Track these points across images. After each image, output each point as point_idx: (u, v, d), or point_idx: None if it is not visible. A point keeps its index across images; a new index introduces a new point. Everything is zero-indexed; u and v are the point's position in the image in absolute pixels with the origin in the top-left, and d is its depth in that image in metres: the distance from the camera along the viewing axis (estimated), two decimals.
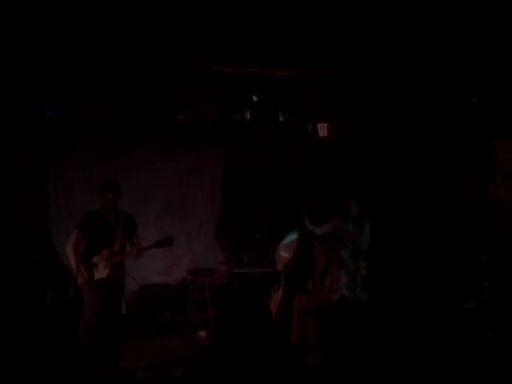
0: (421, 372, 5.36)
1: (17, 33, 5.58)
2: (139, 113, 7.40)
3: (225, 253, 9.09)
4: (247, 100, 7.32)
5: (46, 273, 8.27)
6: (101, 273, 6.37)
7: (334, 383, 4.35)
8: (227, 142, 8.87)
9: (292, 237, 7.30)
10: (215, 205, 9.19)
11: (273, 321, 6.99)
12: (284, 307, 7.14)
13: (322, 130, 7.98)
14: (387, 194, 8.63)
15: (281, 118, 7.63)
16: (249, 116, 7.53)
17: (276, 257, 7.36)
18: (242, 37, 5.70)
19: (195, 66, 6.34)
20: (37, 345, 6.81)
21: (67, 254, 6.45)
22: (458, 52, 6.11)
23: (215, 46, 5.95)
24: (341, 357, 4.81)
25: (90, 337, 6.27)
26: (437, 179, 8.54)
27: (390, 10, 5.18)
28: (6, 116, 7.25)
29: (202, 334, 7.75)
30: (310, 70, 6.53)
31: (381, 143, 8.53)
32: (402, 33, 5.68)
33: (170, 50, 6.03)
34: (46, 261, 8.39)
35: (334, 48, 6.05)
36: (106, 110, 7.53)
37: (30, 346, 6.73)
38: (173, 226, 8.88)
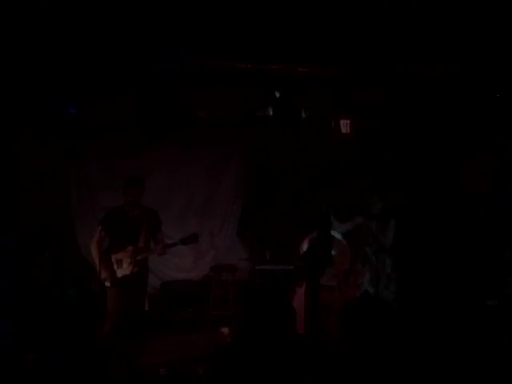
0: (443, 369, 5.33)
1: (34, 34, 5.63)
2: (159, 111, 7.41)
3: (247, 249, 9.13)
4: (269, 97, 7.31)
5: (69, 271, 8.34)
6: (125, 269, 6.40)
7: (354, 381, 4.35)
8: (249, 139, 8.88)
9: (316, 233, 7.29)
10: (237, 202, 9.22)
11: (295, 317, 6.98)
12: (308, 303, 7.12)
13: (345, 126, 7.94)
14: (409, 193, 8.58)
15: (303, 115, 7.61)
16: (271, 113, 7.51)
17: (300, 252, 7.35)
18: (263, 34, 5.70)
19: (216, 63, 6.35)
20: (58, 342, 6.87)
21: (91, 250, 6.49)
22: (471, 51, 6.07)
23: (236, 44, 5.95)
24: (362, 355, 4.80)
25: (114, 334, 6.31)
26: (457, 177, 8.50)
27: (405, 9, 5.17)
28: (26, 115, 7.30)
29: (225, 330, 7.77)
30: (331, 67, 6.51)
31: (399, 142, 8.50)
32: (419, 33, 5.65)
33: (191, 48, 6.04)
34: (69, 259, 8.46)
35: (357, 45, 6.03)
36: (125, 109, 7.55)
37: (51, 344, 6.80)
38: (195, 223, 8.92)
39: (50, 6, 5.14)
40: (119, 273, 6.39)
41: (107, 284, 6.32)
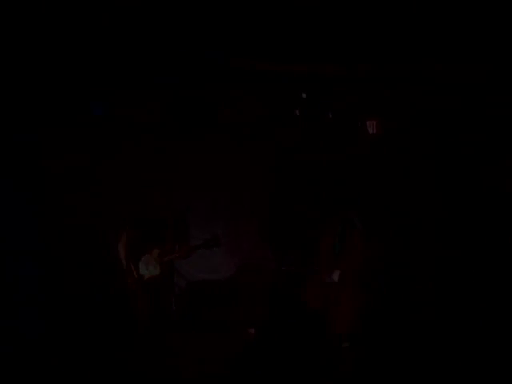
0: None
1: (64, 34, 5.67)
2: (185, 111, 7.43)
3: (273, 250, 9.09)
4: (296, 97, 7.30)
5: (95, 271, 8.36)
6: (151, 271, 6.44)
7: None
8: (275, 139, 8.86)
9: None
10: (263, 202, 9.20)
11: (320, 318, 6.95)
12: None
13: (372, 126, 7.90)
14: (439, 193, 8.48)
15: (330, 115, 7.59)
16: (298, 113, 7.51)
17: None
18: (289, 34, 5.69)
19: (242, 63, 6.35)
20: (86, 342, 6.92)
21: (118, 252, 6.53)
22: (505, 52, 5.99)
23: (262, 44, 5.95)
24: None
25: (143, 334, 6.35)
26: (489, 177, 8.37)
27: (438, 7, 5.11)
28: (56, 114, 7.36)
29: (251, 331, 7.77)
30: (357, 67, 6.48)
31: (428, 141, 8.40)
32: (453, 32, 5.59)
33: (218, 48, 6.05)
34: (96, 259, 8.48)
35: (386, 44, 5.99)
36: (151, 109, 7.58)
37: (79, 344, 6.85)
38: (221, 223, 8.91)
39: (77, 5, 5.17)
40: (146, 274, 6.42)
41: (133, 286, 6.36)
